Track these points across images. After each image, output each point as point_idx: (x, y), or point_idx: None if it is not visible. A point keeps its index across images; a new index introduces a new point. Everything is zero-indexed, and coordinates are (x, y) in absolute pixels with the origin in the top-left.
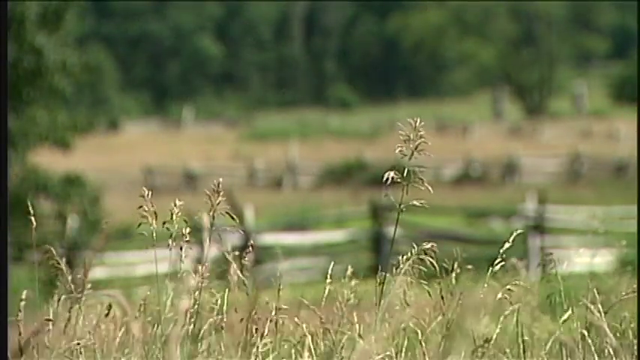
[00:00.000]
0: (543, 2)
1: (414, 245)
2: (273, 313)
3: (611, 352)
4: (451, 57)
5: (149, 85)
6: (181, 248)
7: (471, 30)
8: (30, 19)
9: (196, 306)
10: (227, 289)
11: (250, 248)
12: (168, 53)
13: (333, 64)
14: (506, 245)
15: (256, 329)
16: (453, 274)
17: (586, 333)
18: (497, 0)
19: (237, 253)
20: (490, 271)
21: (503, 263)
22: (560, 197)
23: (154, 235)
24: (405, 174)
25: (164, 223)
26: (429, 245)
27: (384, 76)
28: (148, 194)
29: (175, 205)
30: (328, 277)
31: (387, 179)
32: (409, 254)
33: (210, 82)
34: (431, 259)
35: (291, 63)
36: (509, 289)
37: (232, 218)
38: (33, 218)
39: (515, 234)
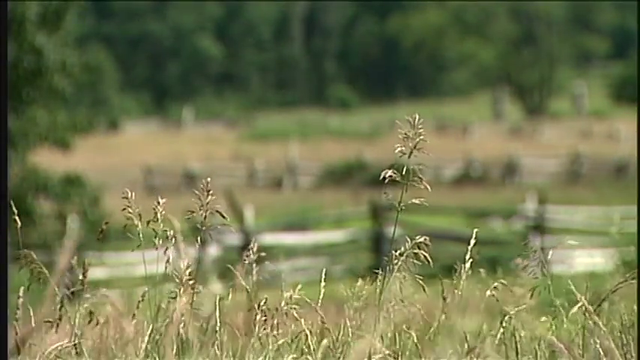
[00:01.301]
0: (543, 2)
1: (408, 240)
2: (275, 312)
3: (606, 352)
4: (451, 57)
5: (149, 85)
6: (167, 249)
7: (471, 30)
8: (30, 19)
9: (194, 306)
10: (227, 289)
11: (252, 248)
12: (168, 53)
13: (333, 64)
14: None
15: (258, 328)
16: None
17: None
18: (497, 0)
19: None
20: (464, 268)
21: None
22: (560, 197)
23: (141, 236)
24: (403, 173)
25: (148, 222)
26: (422, 239)
27: (384, 76)
28: (131, 195)
29: (158, 204)
30: (325, 277)
31: (385, 178)
32: (402, 249)
33: (210, 82)
34: (425, 254)
35: (291, 63)
36: (495, 288)
37: (223, 217)
38: (24, 219)
39: None
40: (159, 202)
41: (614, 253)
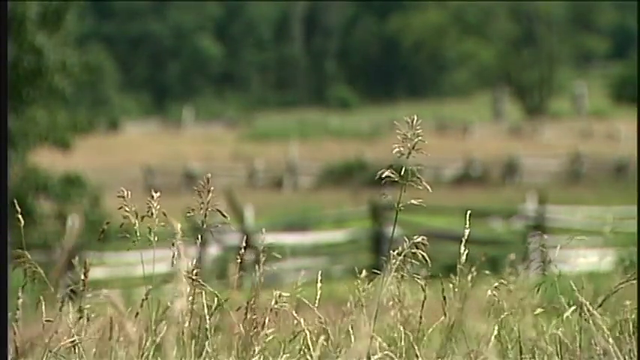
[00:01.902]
0: (543, 2)
1: (406, 240)
2: (271, 311)
3: (608, 351)
4: (451, 57)
5: (149, 85)
6: (173, 245)
7: (471, 30)
8: (30, 19)
9: (193, 306)
10: (226, 289)
11: (252, 247)
12: (168, 53)
13: (333, 64)
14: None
15: (255, 328)
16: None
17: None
18: (497, 0)
19: (237, 252)
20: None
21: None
22: (560, 197)
23: (138, 234)
24: (402, 173)
25: (142, 217)
26: (420, 239)
27: (384, 76)
28: (127, 194)
29: (152, 198)
30: (325, 277)
31: (383, 178)
32: (400, 249)
33: (210, 82)
34: (423, 253)
35: (291, 63)
36: (496, 287)
37: (224, 216)
38: (22, 219)
39: None
40: (152, 197)
41: (611, 253)
